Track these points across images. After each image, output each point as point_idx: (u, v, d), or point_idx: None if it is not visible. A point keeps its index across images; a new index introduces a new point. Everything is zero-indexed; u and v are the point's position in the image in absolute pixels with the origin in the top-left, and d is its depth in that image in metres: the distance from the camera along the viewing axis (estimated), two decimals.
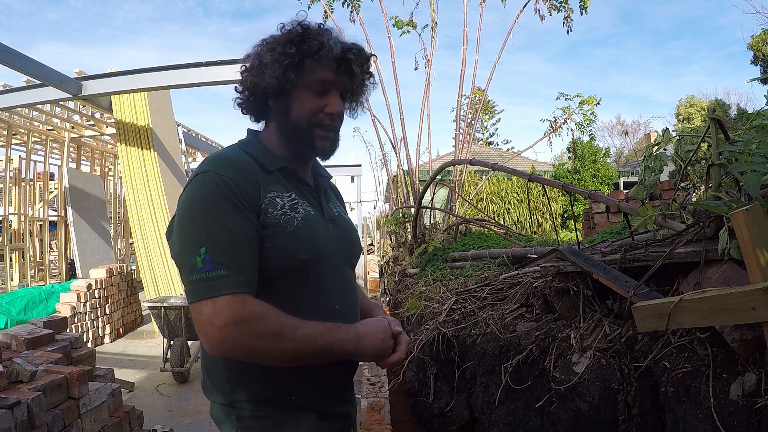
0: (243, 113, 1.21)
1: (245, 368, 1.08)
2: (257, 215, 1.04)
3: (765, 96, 18.78)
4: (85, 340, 5.29)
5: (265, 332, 0.97)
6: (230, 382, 1.10)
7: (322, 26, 1.15)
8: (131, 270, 8.34)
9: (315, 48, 1.10)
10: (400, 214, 5.63)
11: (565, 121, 6.56)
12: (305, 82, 1.12)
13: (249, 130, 1.23)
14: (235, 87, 1.21)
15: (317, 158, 1.24)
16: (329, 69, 1.13)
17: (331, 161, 1.26)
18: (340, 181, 12.64)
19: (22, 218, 8.90)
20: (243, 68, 1.18)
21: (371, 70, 1.21)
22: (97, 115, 9.07)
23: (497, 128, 36.35)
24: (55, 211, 10.05)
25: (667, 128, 1.84)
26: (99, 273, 6.93)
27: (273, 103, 1.16)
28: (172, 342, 5.06)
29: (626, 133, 33.64)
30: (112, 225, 10.70)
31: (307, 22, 1.15)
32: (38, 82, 6.29)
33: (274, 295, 1.04)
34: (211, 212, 1.00)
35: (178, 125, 9.77)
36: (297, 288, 1.09)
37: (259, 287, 1.03)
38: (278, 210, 1.07)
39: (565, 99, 6.48)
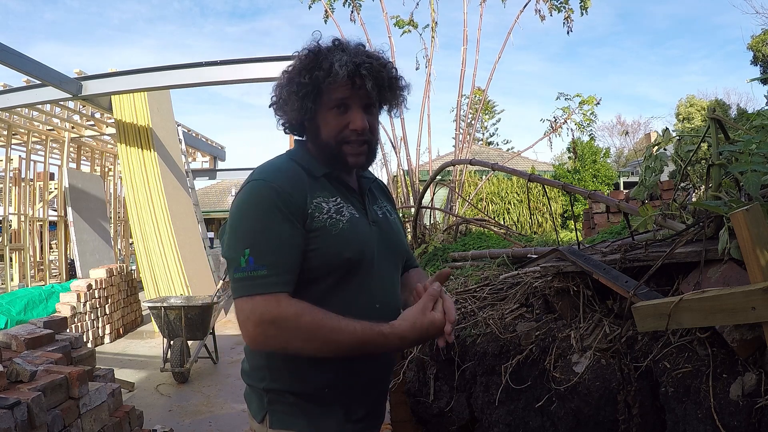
0: (285, 133, 1.28)
1: (283, 361, 1.13)
2: (303, 220, 1.11)
3: (765, 96, 18.78)
4: (85, 340, 5.29)
5: (298, 332, 1.02)
6: (268, 371, 1.16)
7: (336, 42, 1.18)
8: (131, 270, 8.33)
9: (325, 72, 1.14)
10: (401, 214, 5.64)
11: (565, 121, 6.56)
12: (325, 103, 1.17)
13: (296, 141, 1.30)
14: (274, 110, 1.28)
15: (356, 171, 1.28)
16: (345, 87, 1.15)
17: None
18: None
19: (22, 218, 8.90)
20: (271, 99, 1.25)
21: (395, 74, 1.22)
22: (97, 115, 9.07)
23: (497, 128, 36.35)
24: (55, 211, 10.05)
25: (667, 128, 1.84)
26: (99, 273, 6.93)
27: (306, 123, 1.22)
28: (172, 342, 5.06)
29: (626, 132, 33.61)
30: (112, 225, 10.70)
31: (319, 44, 1.18)
32: (38, 82, 6.29)
33: (319, 293, 1.12)
34: (257, 217, 1.08)
35: (178, 125, 9.77)
36: (340, 287, 1.14)
37: (304, 286, 1.10)
38: (324, 214, 1.13)
39: (565, 99, 6.48)
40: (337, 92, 1.15)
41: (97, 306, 6.59)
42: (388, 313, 1.18)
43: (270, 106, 1.26)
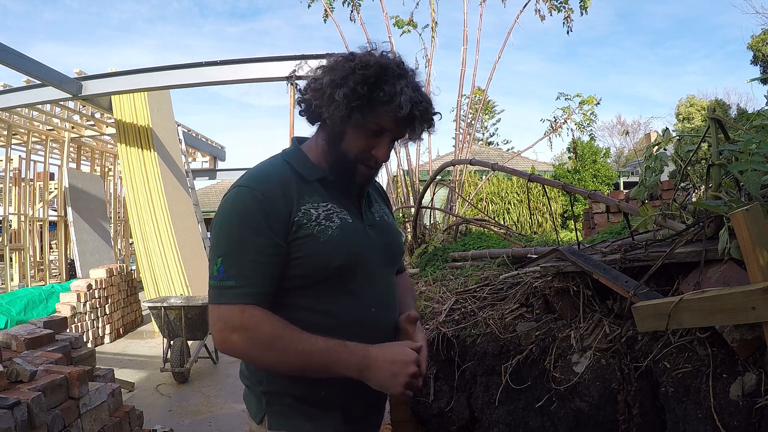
0: (300, 114, 1.22)
1: None
2: (287, 231, 1.09)
3: (765, 96, 18.77)
4: (85, 340, 5.29)
5: (257, 341, 1.04)
6: (265, 374, 1.17)
7: (401, 66, 1.13)
8: (131, 270, 8.33)
9: (386, 99, 1.09)
10: (400, 214, 5.64)
11: (565, 121, 6.56)
12: (364, 122, 1.12)
13: (294, 140, 1.28)
14: (300, 89, 1.20)
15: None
16: (392, 119, 1.12)
17: None
18: None
19: (22, 218, 8.90)
20: (311, 83, 1.16)
21: (434, 125, 1.20)
22: (97, 115, 9.07)
23: (497, 128, 36.33)
24: (55, 211, 10.05)
25: (667, 128, 1.84)
26: (99, 273, 6.93)
27: (329, 122, 1.15)
28: (172, 342, 5.06)
29: (627, 132, 33.61)
30: (112, 225, 10.71)
31: (387, 58, 1.13)
32: (38, 82, 6.30)
33: (313, 298, 1.12)
34: (233, 226, 1.08)
35: (178, 125, 9.77)
36: (333, 292, 1.14)
37: (297, 291, 1.12)
38: (312, 221, 1.12)
39: (565, 99, 6.48)
40: (383, 121, 1.12)
41: (97, 306, 6.59)
42: (384, 315, 1.19)
43: (311, 89, 1.16)
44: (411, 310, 1.25)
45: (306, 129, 1.28)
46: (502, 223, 10.56)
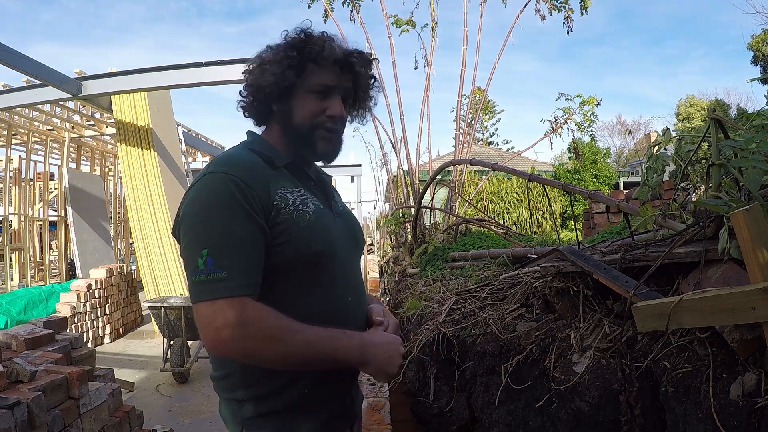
0: (245, 116, 1.22)
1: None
2: (267, 214, 1.04)
3: (765, 96, 18.78)
4: (85, 340, 5.29)
5: (262, 335, 0.97)
6: (241, 376, 1.09)
7: (325, 33, 1.18)
8: (131, 270, 8.33)
9: (316, 51, 1.13)
10: (400, 214, 5.64)
11: (566, 122, 6.56)
12: (307, 85, 1.15)
13: (249, 132, 1.25)
14: (240, 90, 1.22)
15: (321, 161, 1.25)
16: (331, 73, 1.15)
17: None
18: (340, 181, 12.69)
19: (22, 218, 8.90)
20: (246, 70, 1.19)
21: (374, 73, 1.25)
22: (97, 115, 9.07)
23: (497, 128, 36.35)
24: (55, 211, 10.05)
25: (667, 128, 1.84)
26: (99, 273, 6.93)
27: (276, 106, 1.17)
28: (172, 342, 5.06)
29: (629, 132, 33.62)
30: (112, 225, 10.70)
31: (311, 29, 1.17)
32: (38, 82, 6.29)
33: (288, 288, 1.07)
34: (215, 214, 1.00)
35: (178, 125, 9.77)
36: (310, 280, 1.09)
37: (273, 280, 1.05)
38: (290, 205, 1.08)
39: (566, 99, 6.47)
40: (323, 76, 1.15)
41: (97, 306, 6.59)
42: (358, 304, 1.18)
43: (245, 74, 1.19)
44: (374, 304, 1.26)
45: None
46: (502, 223, 10.56)
